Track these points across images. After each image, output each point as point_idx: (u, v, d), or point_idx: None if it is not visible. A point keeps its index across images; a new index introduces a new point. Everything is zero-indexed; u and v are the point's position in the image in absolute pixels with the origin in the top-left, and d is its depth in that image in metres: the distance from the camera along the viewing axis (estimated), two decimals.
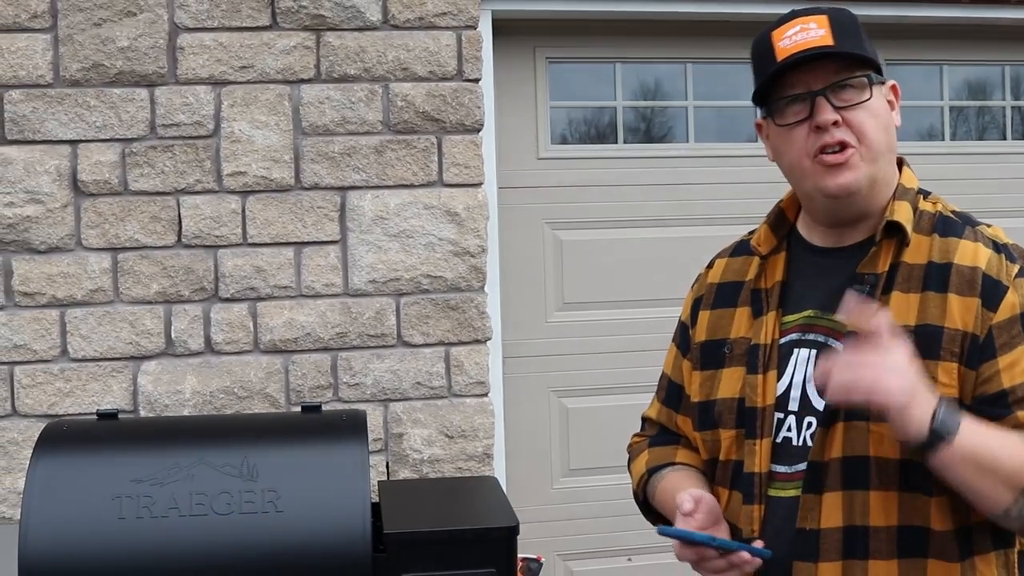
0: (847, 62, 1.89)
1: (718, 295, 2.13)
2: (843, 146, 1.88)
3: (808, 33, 1.89)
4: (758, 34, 1.97)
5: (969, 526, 1.84)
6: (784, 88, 1.91)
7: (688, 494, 1.90)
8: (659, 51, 4.28)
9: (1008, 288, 1.84)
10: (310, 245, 3.76)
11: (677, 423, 2.20)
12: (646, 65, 4.32)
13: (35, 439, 3.49)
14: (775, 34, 1.92)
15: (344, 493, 2.22)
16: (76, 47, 3.64)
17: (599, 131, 4.35)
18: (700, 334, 2.12)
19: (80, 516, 2.18)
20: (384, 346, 3.79)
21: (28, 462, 3.51)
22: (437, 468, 3.81)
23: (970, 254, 1.88)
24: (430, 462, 3.80)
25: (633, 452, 2.28)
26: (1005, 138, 4.68)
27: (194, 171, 3.70)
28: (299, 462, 2.27)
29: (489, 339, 3.87)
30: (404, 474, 3.79)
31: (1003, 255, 1.88)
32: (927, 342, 1.82)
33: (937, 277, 1.86)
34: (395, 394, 3.80)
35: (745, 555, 1.81)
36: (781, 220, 2.09)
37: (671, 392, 2.22)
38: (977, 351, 1.81)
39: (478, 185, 3.86)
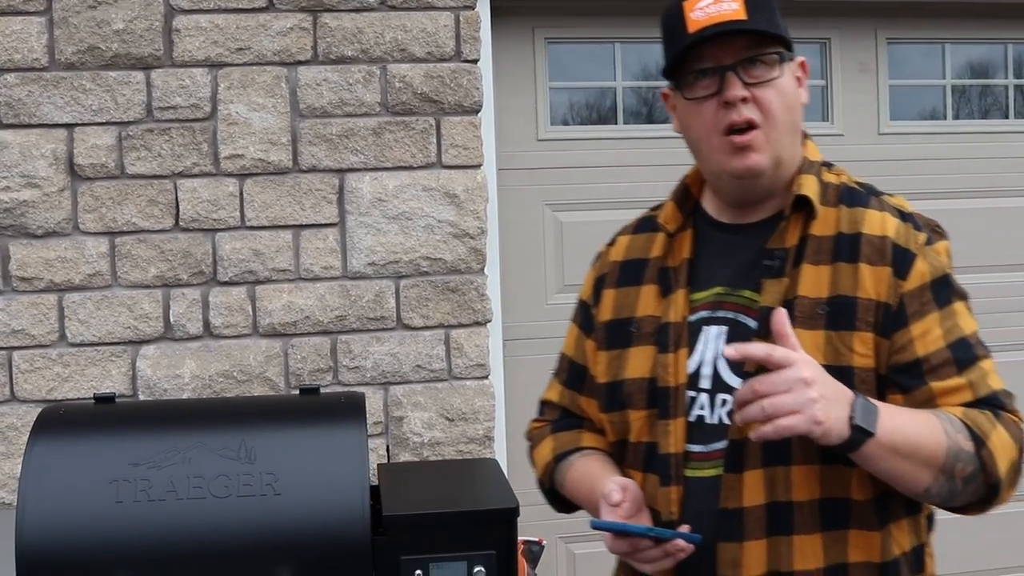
0: (758, 37, 1.88)
1: (622, 273, 2.10)
2: (750, 125, 1.86)
3: (720, 5, 1.86)
4: (669, 3, 1.95)
5: (887, 495, 1.85)
6: (694, 61, 1.89)
7: (615, 483, 1.86)
8: (656, 32, 4.24)
9: (917, 256, 1.86)
10: (308, 228, 3.75)
11: (580, 405, 2.16)
12: (646, 45, 4.30)
13: None
14: (687, 4, 1.89)
15: (343, 475, 2.20)
16: (71, 30, 3.61)
17: (599, 112, 4.33)
18: (605, 313, 2.09)
19: (77, 500, 2.17)
20: (384, 329, 3.78)
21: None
22: (437, 451, 3.80)
23: (878, 223, 1.89)
24: (430, 445, 3.79)
25: (535, 438, 2.24)
26: (1007, 117, 4.65)
27: (191, 154, 3.68)
28: (297, 445, 2.25)
29: (489, 321, 3.86)
30: (404, 457, 3.78)
31: (910, 224, 1.91)
32: (841, 313, 1.83)
33: (847, 247, 1.86)
34: (395, 377, 3.78)
35: (681, 543, 1.78)
36: (686, 196, 2.08)
37: (573, 373, 2.18)
38: (891, 320, 1.82)
39: (477, 167, 3.84)
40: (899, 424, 1.72)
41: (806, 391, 1.64)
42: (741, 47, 1.86)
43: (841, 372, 1.79)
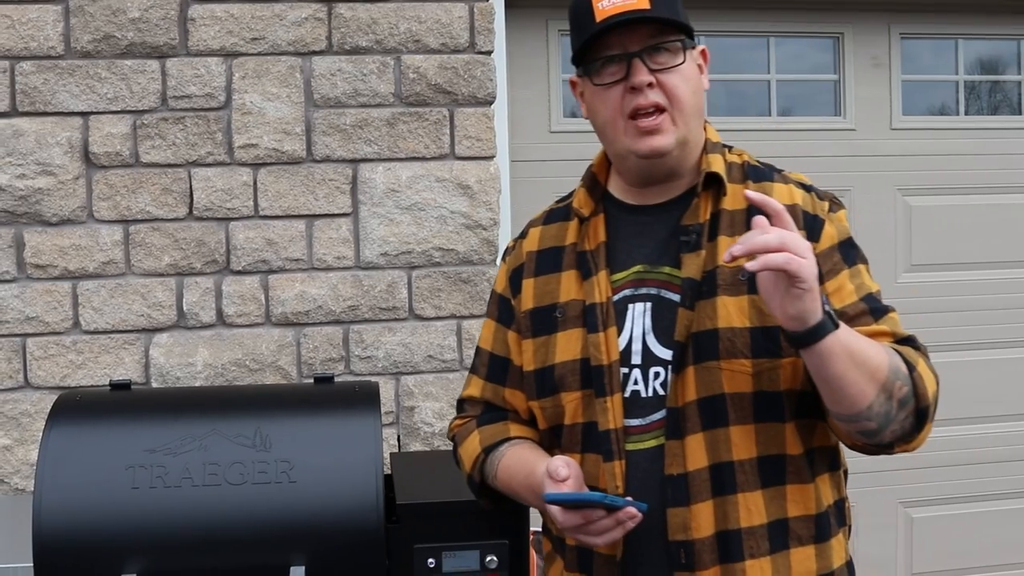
0: (662, 26, 1.95)
1: (539, 262, 2.14)
2: (657, 109, 1.94)
3: None
4: None
5: (813, 449, 1.95)
6: (601, 48, 1.97)
7: (561, 459, 1.89)
8: None
9: (825, 221, 1.97)
10: (321, 218, 3.76)
11: (505, 397, 2.19)
12: None
13: (47, 411, 3.50)
14: None
15: (357, 464, 2.22)
16: (87, 18, 3.63)
17: None
18: (527, 302, 2.13)
19: (93, 486, 2.19)
20: (396, 319, 3.79)
21: (41, 433, 3.52)
22: (448, 441, 3.81)
23: (786, 194, 1.98)
24: (441, 435, 3.80)
25: (460, 435, 2.25)
26: (1019, 113, 4.65)
27: (205, 143, 3.69)
28: (312, 433, 2.26)
29: None
30: (415, 447, 3.80)
31: (813, 194, 2.02)
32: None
33: None
34: (406, 367, 3.80)
35: (632, 510, 1.80)
36: (595, 183, 2.14)
37: (494, 367, 2.21)
38: None
39: (490, 158, 3.84)
40: (852, 333, 1.80)
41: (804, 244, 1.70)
42: (646, 35, 1.94)
43: (767, 333, 1.89)
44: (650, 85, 1.93)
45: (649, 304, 1.98)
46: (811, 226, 1.95)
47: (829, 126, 4.40)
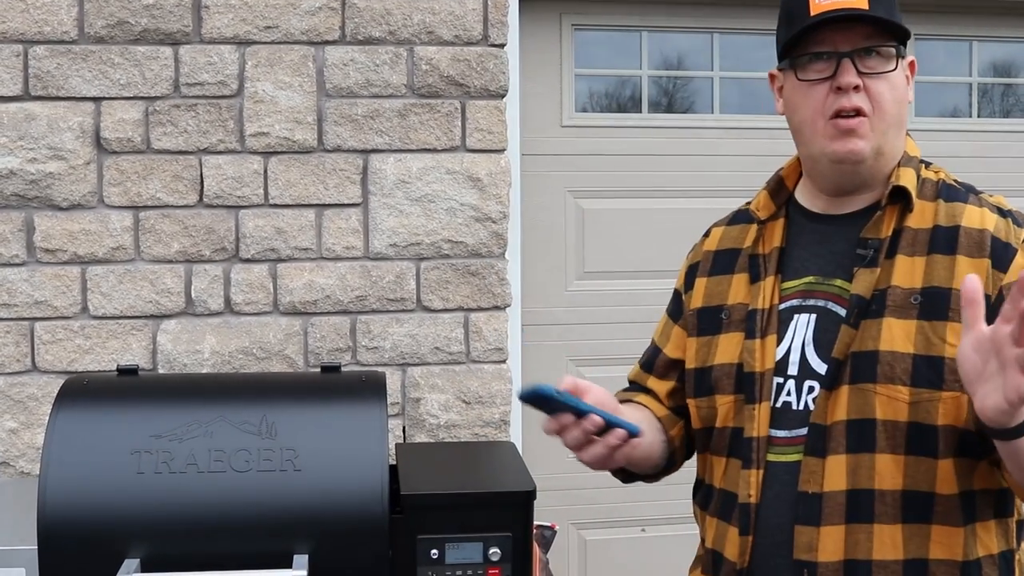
0: (878, 28, 1.88)
1: (715, 262, 2.13)
2: (858, 112, 1.88)
3: None
4: None
5: (972, 492, 1.84)
6: (811, 44, 1.91)
7: (571, 378, 1.83)
8: (685, 21, 4.25)
9: (1017, 251, 1.85)
10: (331, 207, 3.76)
11: (647, 384, 2.21)
12: (671, 35, 4.29)
13: (54, 395, 3.50)
14: None
15: (363, 454, 2.22)
16: (101, 4, 3.63)
17: (619, 101, 4.33)
18: (696, 300, 2.12)
19: (99, 470, 2.19)
20: (403, 310, 3.79)
21: (47, 417, 3.53)
22: (453, 433, 3.81)
23: (977, 218, 1.88)
24: (446, 427, 3.80)
25: None
26: None
27: (217, 131, 3.69)
28: (318, 422, 2.26)
29: (508, 306, 3.87)
30: (420, 439, 3.80)
31: (1009, 219, 1.90)
32: (935, 304, 1.83)
33: (944, 240, 1.87)
34: (413, 359, 3.80)
35: (597, 419, 1.76)
36: (780, 187, 2.09)
37: (650, 356, 2.24)
38: (988, 311, 1.75)
39: (501, 151, 3.84)
40: None
41: None
42: (860, 36, 1.88)
43: (931, 362, 1.81)
44: (856, 88, 1.87)
45: (814, 316, 1.93)
46: (1001, 255, 1.84)
47: None
